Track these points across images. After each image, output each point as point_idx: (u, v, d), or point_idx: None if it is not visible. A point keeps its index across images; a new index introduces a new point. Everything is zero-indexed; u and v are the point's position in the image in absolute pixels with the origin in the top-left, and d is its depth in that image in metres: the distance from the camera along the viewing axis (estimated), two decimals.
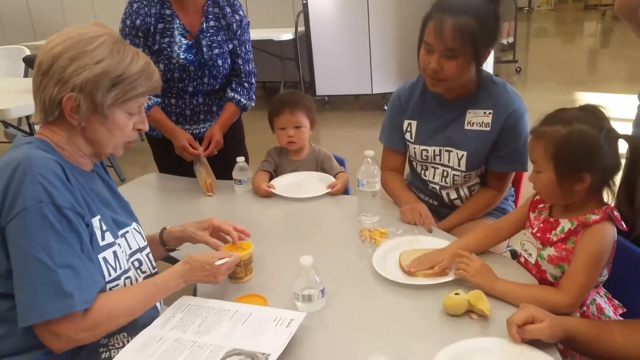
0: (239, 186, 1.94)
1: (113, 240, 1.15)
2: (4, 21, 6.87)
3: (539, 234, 1.29)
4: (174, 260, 1.44)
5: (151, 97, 2.02)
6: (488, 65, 4.82)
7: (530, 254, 1.31)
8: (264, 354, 1.03)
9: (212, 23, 2.02)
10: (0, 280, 1.02)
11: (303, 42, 5.33)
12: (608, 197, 1.23)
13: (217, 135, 2.04)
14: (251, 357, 1.03)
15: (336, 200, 1.83)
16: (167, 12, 1.95)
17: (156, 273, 1.29)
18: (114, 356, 1.08)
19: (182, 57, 1.98)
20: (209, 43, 2.02)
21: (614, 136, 1.18)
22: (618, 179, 1.22)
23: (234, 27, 2.04)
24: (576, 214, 1.23)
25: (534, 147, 1.24)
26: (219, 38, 2.04)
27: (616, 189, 1.21)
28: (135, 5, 1.95)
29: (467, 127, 1.67)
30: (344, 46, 5.14)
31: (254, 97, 2.18)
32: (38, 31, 6.81)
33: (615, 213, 1.20)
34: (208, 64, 2.03)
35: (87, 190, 1.13)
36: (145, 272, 1.26)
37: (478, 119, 1.65)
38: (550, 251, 1.25)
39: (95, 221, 1.11)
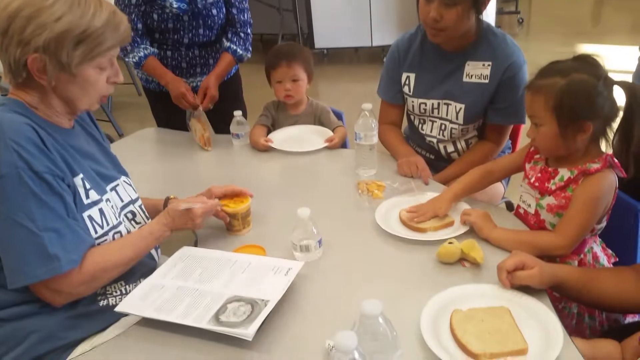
0: (237, 140, 1.94)
1: (99, 197, 1.14)
2: None
3: (537, 184, 1.30)
4: None
5: (147, 47, 1.99)
6: (490, 16, 4.72)
7: (529, 205, 1.33)
8: (263, 300, 1.07)
9: None
10: None
11: None
12: (606, 146, 1.24)
13: (213, 89, 2.01)
14: (251, 303, 1.06)
15: (334, 154, 1.84)
16: None
17: None
18: (112, 303, 1.12)
19: (175, 6, 1.94)
20: None
21: (610, 83, 1.18)
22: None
23: None
24: (575, 163, 1.24)
25: (533, 101, 1.23)
26: None
27: (612, 136, 1.22)
28: None
29: (465, 79, 1.66)
30: None
31: (250, 48, 2.14)
32: None
33: (615, 160, 1.21)
34: (202, 14, 1.99)
35: (67, 148, 1.11)
36: (139, 222, 1.28)
37: (477, 71, 1.64)
38: (549, 200, 1.27)
39: (78, 180, 1.10)
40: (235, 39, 2.09)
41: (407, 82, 1.76)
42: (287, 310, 1.10)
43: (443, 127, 1.75)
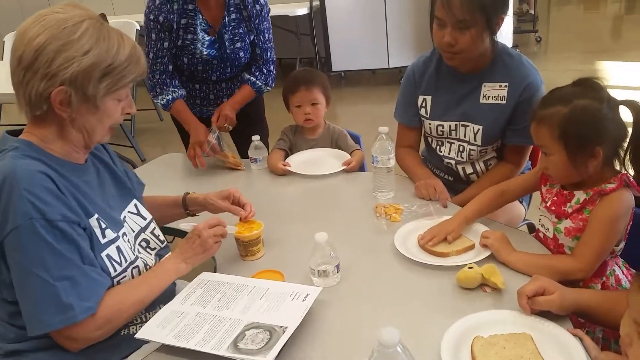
0: (255, 164, 1.97)
1: (115, 234, 1.15)
2: (21, 5, 6.93)
3: (553, 207, 1.28)
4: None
5: (176, 89, 2.04)
6: (507, 35, 4.72)
7: (547, 229, 1.32)
8: (281, 327, 1.06)
9: (233, 16, 2.03)
10: (6, 289, 1.04)
11: (318, 17, 5.28)
12: (620, 166, 1.22)
13: (225, 110, 2.04)
14: (269, 330, 1.06)
15: (351, 177, 1.84)
16: (190, 7, 1.95)
17: (166, 246, 1.32)
18: (133, 332, 1.13)
19: (205, 53, 2.01)
20: (231, 37, 2.04)
21: (615, 104, 1.17)
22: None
23: (254, 17, 2.05)
24: (591, 186, 1.22)
25: (538, 132, 1.22)
26: (240, 31, 2.05)
27: (623, 155, 1.20)
28: (157, 1, 1.94)
29: (482, 100, 1.66)
30: (359, 20, 5.07)
31: (271, 83, 2.19)
32: None
33: (631, 179, 1.18)
34: (230, 57, 2.06)
35: (80, 188, 1.10)
36: (154, 248, 1.29)
37: (493, 92, 1.64)
38: (566, 223, 1.25)
39: (93, 221, 1.10)
40: (257, 73, 2.15)
41: (423, 104, 1.76)
42: (305, 337, 1.09)
43: (461, 148, 1.74)
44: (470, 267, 1.19)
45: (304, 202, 1.75)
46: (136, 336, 1.10)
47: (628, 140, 1.18)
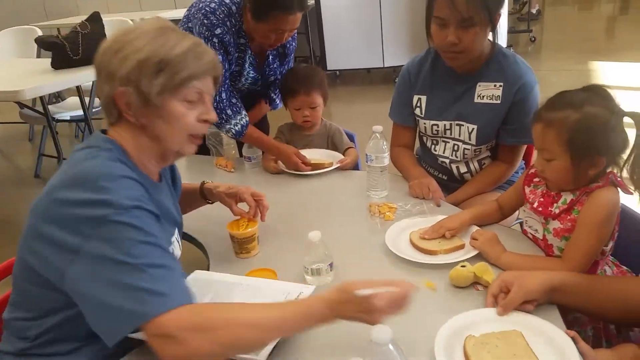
0: (249, 163, 1.97)
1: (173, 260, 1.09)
2: (15, 2, 6.88)
3: (540, 209, 1.28)
4: (194, 241, 1.50)
5: (244, 112, 1.94)
6: (502, 35, 4.73)
7: (537, 230, 1.31)
8: None
9: (274, 52, 2.03)
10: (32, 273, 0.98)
11: (313, 16, 5.28)
12: (619, 172, 1.21)
13: None
14: None
15: (345, 176, 1.85)
16: (242, 41, 1.91)
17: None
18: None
19: (245, 87, 2.01)
20: (268, 71, 2.04)
21: (622, 114, 1.16)
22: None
23: (289, 53, 2.06)
24: (579, 187, 1.22)
25: (544, 135, 1.19)
26: (275, 65, 2.05)
27: (622, 163, 1.18)
28: (218, 11, 1.83)
29: (477, 100, 1.66)
30: (354, 19, 5.08)
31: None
32: (49, 11, 6.82)
33: (619, 178, 1.18)
34: (261, 86, 2.08)
35: (157, 203, 1.08)
36: None
37: (488, 92, 1.64)
38: (554, 224, 1.25)
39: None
40: (276, 91, 2.16)
41: (418, 104, 1.76)
42: (298, 335, 1.09)
43: (456, 147, 1.75)
44: (462, 266, 1.19)
45: (298, 201, 1.75)
46: (129, 335, 1.09)
47: (629, 151, 1.16)
